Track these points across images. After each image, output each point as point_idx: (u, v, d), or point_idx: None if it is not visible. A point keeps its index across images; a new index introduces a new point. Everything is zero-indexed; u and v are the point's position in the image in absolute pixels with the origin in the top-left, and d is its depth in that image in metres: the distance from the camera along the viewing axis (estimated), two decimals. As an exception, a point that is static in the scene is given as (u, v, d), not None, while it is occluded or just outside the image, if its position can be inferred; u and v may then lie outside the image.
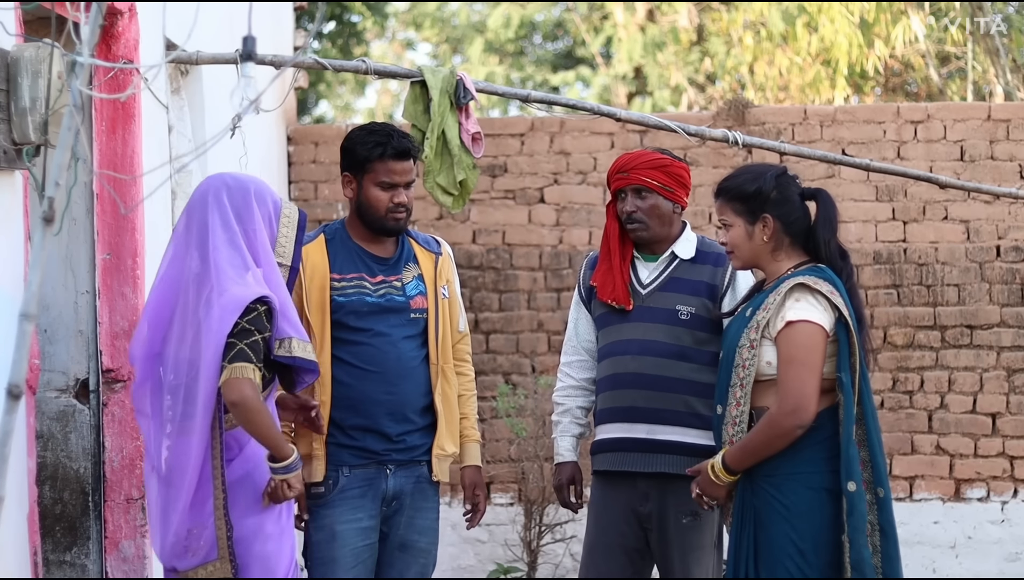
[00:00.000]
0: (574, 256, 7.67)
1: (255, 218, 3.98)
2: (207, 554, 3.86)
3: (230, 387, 3.77)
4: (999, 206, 7.49)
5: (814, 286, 4.03)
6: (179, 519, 3.85)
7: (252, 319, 3.82)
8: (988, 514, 7.47)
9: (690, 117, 7.97)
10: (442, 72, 4.93)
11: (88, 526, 4.84)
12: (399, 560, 4.51)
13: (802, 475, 4.02)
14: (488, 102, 15.06)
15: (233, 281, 3.84)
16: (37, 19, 4.46)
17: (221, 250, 3.89)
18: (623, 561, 4.67)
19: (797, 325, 3.99)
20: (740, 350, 4.06)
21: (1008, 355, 7.46)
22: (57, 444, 4.82)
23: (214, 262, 3.87)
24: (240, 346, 3.79)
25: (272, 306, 3.87)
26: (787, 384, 3.97)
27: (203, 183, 4.05)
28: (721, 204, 4.20)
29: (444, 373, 4.53)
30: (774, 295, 4.05)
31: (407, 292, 4.50)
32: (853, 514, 3.96)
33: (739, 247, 4.16)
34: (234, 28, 6.08)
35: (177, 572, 3.92)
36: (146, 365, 3.94)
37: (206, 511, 3.85)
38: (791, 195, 4.16)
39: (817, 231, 4.14)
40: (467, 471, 4.65)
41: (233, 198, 3.98)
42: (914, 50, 10.87)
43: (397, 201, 4.44)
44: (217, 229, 3.92)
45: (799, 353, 3.97)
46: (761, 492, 4.05)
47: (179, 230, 4.00)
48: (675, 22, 14.78)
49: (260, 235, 3.97)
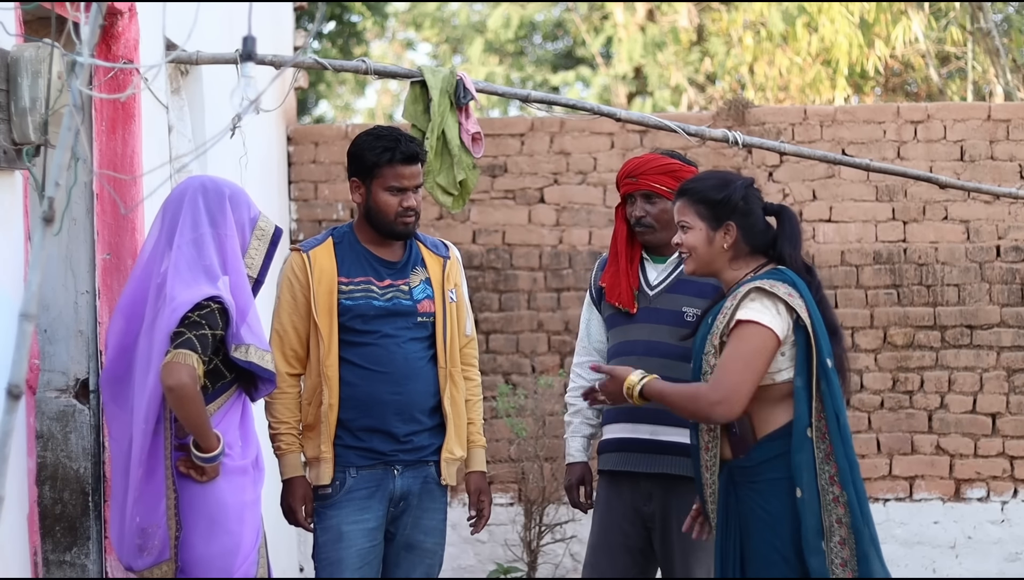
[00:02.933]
0: (574, 256, 7.67)
1: (228, 222, 4.02)
2: (160, 554, 3.88)
3: (168, 371, 3.79)
4: (999, 206, 7.49)
5: (770, 290, 3.99)
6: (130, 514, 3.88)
7: (204, 314, 3.86)
8: (988, 514, 7.47)
9: (690, 117, 7.97)
10: (442, 72, 4.93)
11: (88, 526, 4.84)
12: (405, 560, 4.51)
13: (783, 481, 3.99)
14: (488, 102, 15.06)
15: (186, 283, 3.88)
16: (37, 19, 4.46)
17: (183, 250, 3.94)
18: (627, 561, 4.68)
19: (746, 325, 3.95)
20: (706, 357, 4.03)
21: (1008, 355, 7.46)
22: (57, 444, 4.81)
23: (174, 262, 3.92)
24: (188, 335, 3.83)
25: (226, 306, 3.88)
26: (724, 376, 3.92)
27: (182, 183, 4.11)
28: (683, 205, 4.15)
29: (452, 377, 4.53)
30: (731, 300, 4.03)
31: (414, 296, 4.50)
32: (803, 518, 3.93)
33: (696, 250, 4.12)
34: (234, 28, 6.08)
35: (133, 571, 3.94)
36: (119, 360, 3.99)
37: (159, 511, 3.87)
38: (755, 208, 4.13)
39: (782, 246, 4.10)
40: (472, 476, 4.65)
41: (208, 201, 4.03)
42: (914, 50, 10.87)
43: (406, 205, 4.44)
44: (185, 229, 3.96)
45: (744, 351, 3.93)
46: (745, 499, 4.02)
47: (154, 227, 4.07)
48: (675, 22, 14.78)
49: (231, 241, 4.00)
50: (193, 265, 3.90)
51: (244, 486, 4.01)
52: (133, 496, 3.87)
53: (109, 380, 4.00)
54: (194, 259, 3.91)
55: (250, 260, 4.09)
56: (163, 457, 3.87)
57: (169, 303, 3.85)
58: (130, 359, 3.97)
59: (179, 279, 3.87)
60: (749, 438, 4.03)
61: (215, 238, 3.96)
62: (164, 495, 3.86)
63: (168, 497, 3.87)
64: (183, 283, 3.86)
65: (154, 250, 4.02)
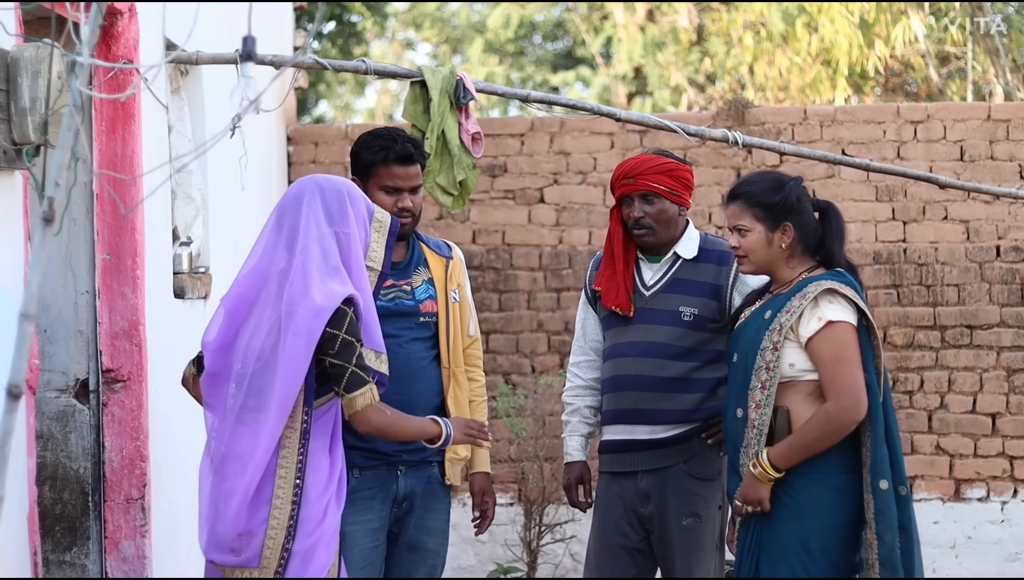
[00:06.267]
0: (574, 256, 7.67)
1: (349, 221, 3.95)
2: (248, 560, 3.85)
3: (358, 421, 3.86)
4: (999, 206, 7.49)
5: (841, 290, 4.10)
6: (233, 515, 3.83)
7: (348, 328, 3.81)
8: (988, 514, 7.47)
9: (690, 117, 7.97)
10: (442, 72, 4.93)
11: (88, 526, 4.84)
12: (408, 561, 4.50)
13: (817, 475, 4.07)
14: (488, 102, 15.06)
15: (318, 283, 3.82)
16: (37, 19, 4.46)
17: (311, 250, 3.87)
18: (627, 561, 4.68)
19: (838, 325, 4.07)
20: (763, 352, 4.09)
21: (1008, 355, 7.46)
22: (57, 444, 4.82)
23: (302, 262, 3.85)
24: (351, 370, 3.81)
25: (358, 307, 3.86)
26: (840, 381, 4.04)
27: (296, 184, 4.01)
28: (739, 208, 4.22)
29: (455, 377, 4.52)
30: (799, 299, 4.10)
31: (416, 296, 4.49)
32: (885, 512, 4.03)
33: (755, 252, 4.20)
34: (234, 28, 6.08)
35: (215, 566, 3.90)
36: (217, 356, 3.91)
37: (258, 518, 3.83)
38: (807, 206, 4.23)
39: (830, 242, 4.21)
40: (476, 477, 4.65)
41: (327, 200, 3.95)
42: (914, 50, 10.87)
43: (401, 206, 4.41)
44: (310, 229, 3.89)
45: (846, 351, 4.06)
46: (771, 489, 4.09)
47: (269, 228, 3.98)
48: (675, 22, 14.78)
49: (353, 239, 3.95)
50: (322, 267, 3.86)
51: (325, 517, 3.97)
52: (243, 497, 3.81)
53: (206, 378, 3.95)
54: (321, 260, 3.86)
55: (373, 253, 4.04)
56: (274, 473, 3.84)
57: (303, 308, 3.78)
58: (227, 358, 3.92)
59: (311, 278, 3.82)
60: (785, 431, 4.09)
61: (336, 237, 3.91)
62: (269, 501, 3.84)
63: (276, 507, 3.84)
64: (315, 283, 3.81)
65: (264, 251, 3.94)
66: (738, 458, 4.17)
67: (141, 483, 4.95)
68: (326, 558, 3.90)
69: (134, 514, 4.94)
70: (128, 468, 4.94)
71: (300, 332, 3.78)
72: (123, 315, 4.94)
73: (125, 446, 4.94)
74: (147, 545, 4.96)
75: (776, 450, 4.07)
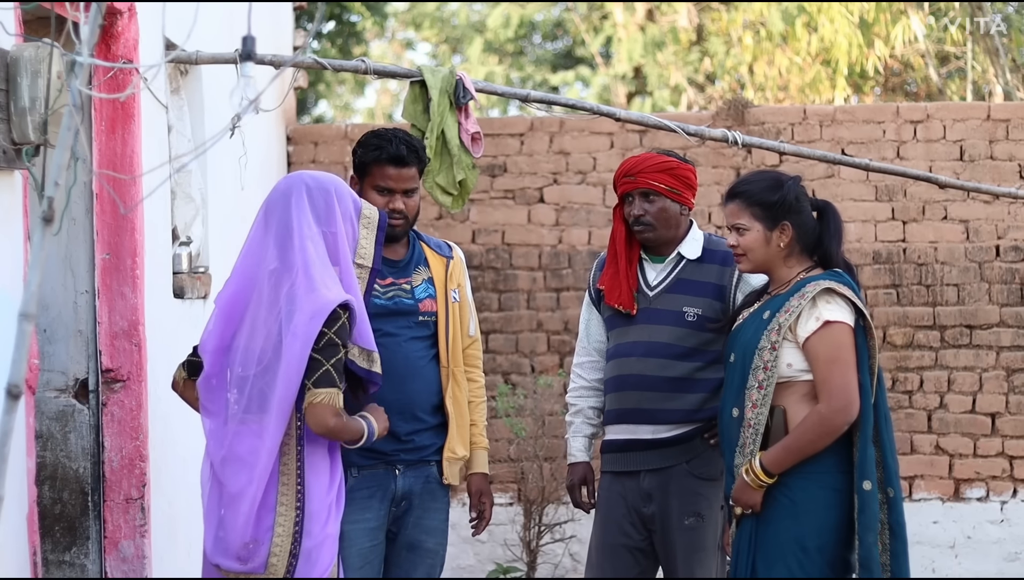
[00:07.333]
0: (574, 256, 7.67)
1: (336, 220, 3.93)
2: (254, 568, 3.84)
3: (314, 418, 3.79)
4: (999, 206, 7.49)
5: (839, 290, 4.10)
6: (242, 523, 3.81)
7: (338, 330, 3.80)
8: (987, 514, 7.47)
9: (690, 117, 7.97)
10: (442, 72, 4.93)
11: (87, 526, 4.84)
12: (406, 560, 4.50)
13: (814, 474, 4.07)
14: (488, 102, 15.06)
15: (321, 281, 3.81)
16: (37, 19, 4.46)
17: (308, 248, 3.85)
18: (629, 561, 4.68)
19: (835, 325, 4.07)
20: (760, 352, 4.10)
21: (1008, 355, 7.46)
22: (56, 444, 4.82)
23: (301, 260, 3.83)
24: (326, 367, 3.78)
25: (353, 313, 3.85)
26: (833, 382, 4.04)
27: (282, 182, 4.00)
28: (737, 207, 4.22)
29: (454, 376, 4.52)
30: (797, 298, 4.11)
31: (416, 295, 4.48)
32: (865, 512, 4.03)
33: (754, 251, 4.21)
34: (234, 28, 6.08)
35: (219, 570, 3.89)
36: (215, 358, 3.90)
37: (264, 525, 3.82)
38: (805, 205, 4.24)
39: (828, 242, 4.22)
40: (474, 478, 4.64)
41: (314, 198, 3.93)
42: (914, 50, 10.87)
43: (392, 207, 4.38)
44: (303, 228, 3.87)
45: (841, 352, 4.06)
46: (767, 488, 4.08)
47: (256, 227, 3.95)
48: (675, 22, 14.78)
49: (340, 238, 3.93)
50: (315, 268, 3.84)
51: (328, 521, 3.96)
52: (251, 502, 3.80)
53: (205, 382, 3.93)
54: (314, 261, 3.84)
55: (362, 250, 4.02)
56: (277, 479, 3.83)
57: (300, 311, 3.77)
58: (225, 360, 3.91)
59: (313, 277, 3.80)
60: (782, 431, 4.08)
61: (324, 236, 3.90)
62: (274, 508, 3.83)
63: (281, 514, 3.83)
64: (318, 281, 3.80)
65: (252, 250, 3.92)
66: (733, 458, 4.17)
67: (140, 483, 4.95)
68: (328, 558, 3.90)
69: (133, 514, 4.94)
70: (127, 468, 4.94)
71: (297, 333, 3.78)
72: (123, 315, 4.94)
73: (124, 446, 4.94)
74: (146, 545, 4.96)
75: (769, 455, 4.07)
